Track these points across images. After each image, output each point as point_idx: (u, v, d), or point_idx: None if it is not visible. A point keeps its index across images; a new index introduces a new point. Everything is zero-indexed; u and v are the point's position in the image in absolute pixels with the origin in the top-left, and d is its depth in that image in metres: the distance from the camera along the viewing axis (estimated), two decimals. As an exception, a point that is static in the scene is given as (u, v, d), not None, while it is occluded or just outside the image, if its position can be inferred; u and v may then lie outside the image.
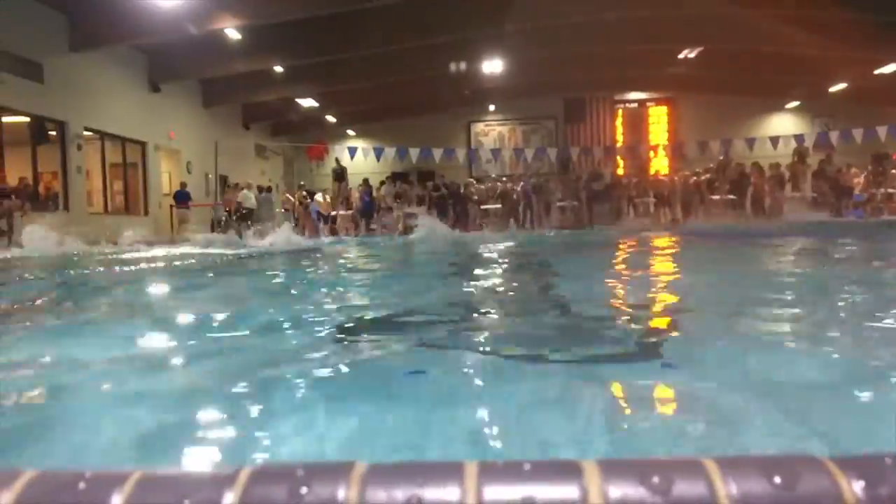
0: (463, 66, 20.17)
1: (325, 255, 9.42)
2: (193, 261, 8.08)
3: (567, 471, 0.38)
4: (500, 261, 7.47)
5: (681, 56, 21.36)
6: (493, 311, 3.58)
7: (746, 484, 0.37)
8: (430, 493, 0.38)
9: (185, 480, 0.39)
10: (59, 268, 7.27)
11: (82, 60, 15.67)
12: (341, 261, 8.27)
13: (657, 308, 3.59)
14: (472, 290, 4.70)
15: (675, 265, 6.87)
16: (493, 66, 21.14)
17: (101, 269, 7.12)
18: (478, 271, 6.33)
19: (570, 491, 0.37)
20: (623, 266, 6.72)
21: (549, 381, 1.94)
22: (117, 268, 7.18)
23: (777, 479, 0.37)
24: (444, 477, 0.39)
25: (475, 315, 3.40)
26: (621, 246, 9.13)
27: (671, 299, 4.09)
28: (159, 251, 10.26)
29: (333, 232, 20.27)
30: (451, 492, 0.38)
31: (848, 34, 16.73)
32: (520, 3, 16.36)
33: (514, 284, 5.26)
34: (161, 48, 17.39)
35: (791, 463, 0.38)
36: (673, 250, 8.61)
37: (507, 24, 17.63)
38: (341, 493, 0.38)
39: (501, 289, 4.80)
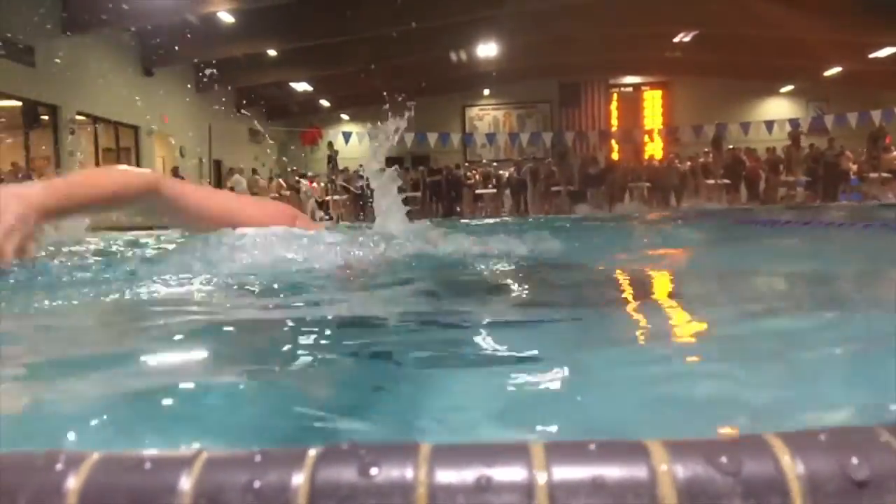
0: (458, 49, 20.11)
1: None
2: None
3: (633, 451, 0.39)
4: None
5: (676, 40, 21.32)
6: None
7: (815, 462, 0.37)
8: (498, 473, 0.38)
9: (254, 461, 0.39)
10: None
11: (74, 44, 15.52)
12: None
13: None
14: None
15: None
16: (488, 49, 21.06)
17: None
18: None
19: (639, 471, 0.38)
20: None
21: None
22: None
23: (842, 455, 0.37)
24: (510, 457, 0.39)
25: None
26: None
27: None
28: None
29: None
30: (518, 472, 0.38)
31: (843, 18, 16.74)
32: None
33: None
34: (154, 32, 17.24)
35: (855, 436, 0.38)
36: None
37: (502, 7, 17.57)
38: (410, 474, 0.38)
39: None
